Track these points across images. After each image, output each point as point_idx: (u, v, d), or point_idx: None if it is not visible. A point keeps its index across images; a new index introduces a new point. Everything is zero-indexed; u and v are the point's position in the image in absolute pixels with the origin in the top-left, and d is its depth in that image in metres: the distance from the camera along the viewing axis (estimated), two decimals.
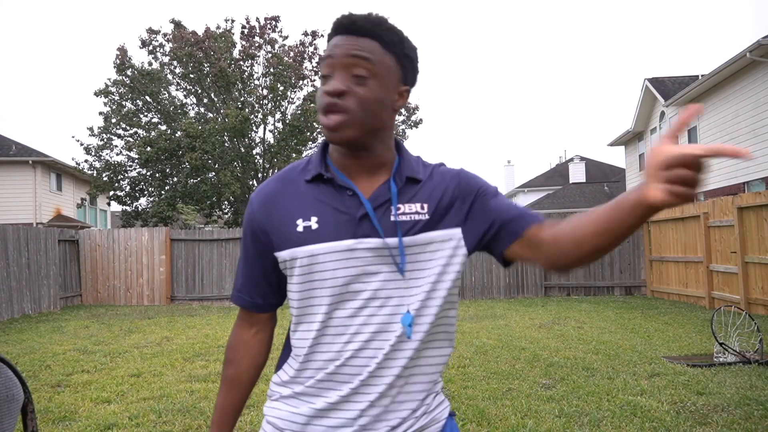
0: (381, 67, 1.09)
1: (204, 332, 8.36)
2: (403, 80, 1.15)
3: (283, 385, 1.19)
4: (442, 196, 1.15)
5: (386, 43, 1.11)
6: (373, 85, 1.08)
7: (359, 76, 1.08)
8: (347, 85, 1.07)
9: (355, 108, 1.07)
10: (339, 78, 1.08)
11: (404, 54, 1.14)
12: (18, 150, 22.10)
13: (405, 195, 1.14)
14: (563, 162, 40.93)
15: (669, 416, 3.99)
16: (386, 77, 1.11)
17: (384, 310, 1.10)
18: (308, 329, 1.14)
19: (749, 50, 12.83)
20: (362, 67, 1.08)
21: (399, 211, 1.12)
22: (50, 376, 5.67)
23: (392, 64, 1.12)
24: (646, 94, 19.64)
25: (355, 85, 1.07)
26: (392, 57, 1.12)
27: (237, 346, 1.26)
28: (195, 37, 18.58)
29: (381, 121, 1.11)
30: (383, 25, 1.11)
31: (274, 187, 1.19)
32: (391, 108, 1.13)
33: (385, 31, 1.11)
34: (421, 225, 1.12)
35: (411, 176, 1.15)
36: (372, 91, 1.08)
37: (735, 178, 14.84)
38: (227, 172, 18.21)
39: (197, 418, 4.20)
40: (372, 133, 1.11)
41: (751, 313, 7.67)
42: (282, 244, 1.14)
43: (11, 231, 10.58)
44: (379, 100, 1.09)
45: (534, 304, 11.03)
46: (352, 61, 1.08)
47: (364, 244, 1.09)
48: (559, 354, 6.16)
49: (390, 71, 1.11)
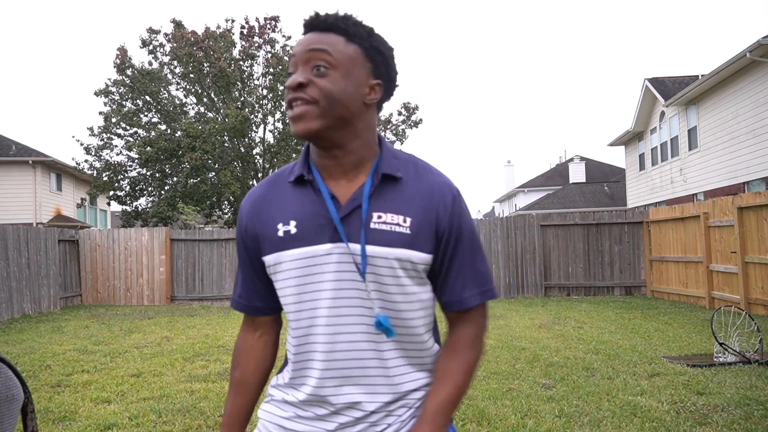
0: (342, 57, 1.09)
1: (204, 332, 8.36)
2: (373, 74, 1.13)
3: (276, 388, 1.21)
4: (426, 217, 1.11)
5: (351, 35, 1.10)
6: (335, 76, 1.08)
7: (319, 68, 1.07)
8: (306, 78, 1.07)
9: (317, 97, 1.06)
10: (299, 72, 1.09)
11: (372, 47, 1.12)
12: (18, 150, 22.10)
13: (384, 196, 1.11)
14: (563, 162, 40.94)
15: (669, 416, 3.99)
16: (350, 69, 1.09)
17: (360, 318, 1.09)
18: (294, 334, 1.15)
19: (749, 50, 12.83)
20: (321, 59, 1.08)
21: (380, 219, 1.09)
22: (50, 376, 5.67)
23: (357, 56, 1.10)
24: (646, 94, 19.63)
25: (316, 77, 1.07)
26: (358, 49, 1.11)
27: (242, 349, 1.26)
28: (195, 37, 18.59)
29: (349, 113, 1.09)
30: (349, 20, 1.11)
31: (261, 192, 1.20)
32: (361, 101, 1.11)
33: (351, 25, 1.11)
34: (400, 240, 1.09)
35: (388, 173, 1.12)
36: (334, 81, 1.07)
37: (735, 178, 14.83)
38: (227, 172, 18.22)
39: (197, 418, 4.20)
40: (340, 125, 1.09)
41: (751, 313, 7.67)
42: (266, 248, 1.15)
43: (11, 231, 10.58)
44: (342, 91, 1.08)
45: (534, 304, 11.03)
46: (311, 54, 1.08)
47: (341, 248, 1.09)
48: (559, 354, 6.16)
49: (354, 63, 1.10)
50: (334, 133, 1.09)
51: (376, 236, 1.08)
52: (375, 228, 1.09)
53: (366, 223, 1.09)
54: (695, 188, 17.06)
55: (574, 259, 12.53)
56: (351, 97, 1.09)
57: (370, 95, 1.12)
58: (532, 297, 12.47)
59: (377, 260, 1.08)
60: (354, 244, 1.08)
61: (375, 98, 1.13)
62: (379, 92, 1.14)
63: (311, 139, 1.10)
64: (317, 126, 1.07)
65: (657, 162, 19.93)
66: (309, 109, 1.06)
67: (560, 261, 12.57)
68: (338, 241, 1.08)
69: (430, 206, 1.12)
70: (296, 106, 1.07)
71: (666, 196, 19.24)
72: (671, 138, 18.67)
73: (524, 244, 12.64)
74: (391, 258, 1.08)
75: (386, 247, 1.08)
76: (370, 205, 1.10)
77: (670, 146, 18.79)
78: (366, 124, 1.13)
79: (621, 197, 28.95)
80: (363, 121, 1.12)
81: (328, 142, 1.10)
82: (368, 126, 1.14)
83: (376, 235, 1.08)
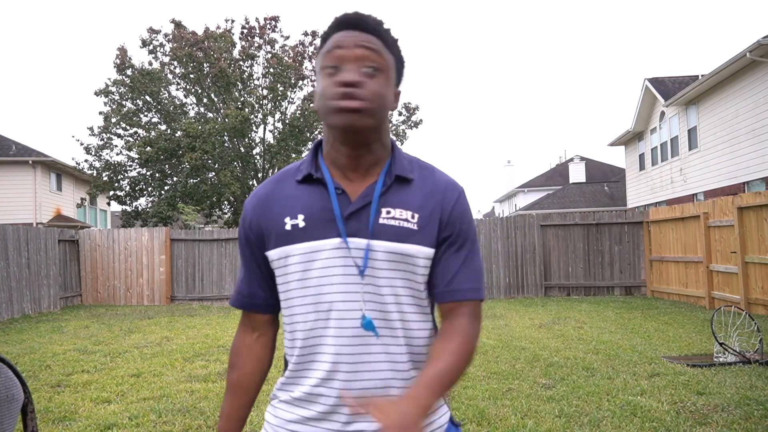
0: (387, 62, 1.11)
1: (204, 332, 8.36)
2: (396, 83, 1.17)
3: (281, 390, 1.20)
4: (432, 212, 1.13)
5: (387, 42, 1.12)
6: (382, 80, 1.09)
7: (370, 69, 1.08)
8: (361, 77, 1.07)
9: (371, 98, 1.07)
10: (353, 69, 1.07)
11: (399, 57, 1.16)
12: (18, 150, 22.09)
13: (395, 195, 1.14)
14: (563, 162, 40.93)
15: (669, 416, 3.99)
16: (390, 74, 1.12)
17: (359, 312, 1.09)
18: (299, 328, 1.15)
19: (749, 50, 12.83)
20: (373, 60, 1.08)
21: (389, 214, 1.11)
22: (50, 376, 5.67)
23: (393, 63, 1.14)
24: (646, 94, 19.63)
25: (367, 78, 1.07)
26: (392, 57, 1.14)
27: (240, 350, 1.26)
28: (195, 37, 18.59)
29: (384, 117, 1.12)
30: (383, 25, 1.13)
31: (267, 189, 1.21)
32: (390, 107, 1.14)
33: (386, 31, 1.13)
34: (408, 235, 1.11)
35: (400, 175, 1.14)
36: (381, 85, 1.09)
37: (735, 178, 14.83)
38: (227, 172, 18.21)
39: (197, 418, 4.20)
40: (377, 127, 1.11)
41: (751, 313, 7.67)
42: (272, 242, 1.15)
43: (11, 231, 10.58)
44: (386, 96, 1.10)
45: (534, 304, 11.03)
46: (363, 53, 1.08)
47: (350, 243, 1.10)
48: (559, 354, 6.16)
49: (392, 70, 1.13)
50: (370, 133, 1.11)
51: (385, 231, 1.10)
52: (384, 223, 1.11)
53: (375, 219, 1.10)
54: (695, 188, 17.06)
55: (574, 259, 12.53)
56: (388, 103, 1.12)
57: (393, 103, 1.16)
58: (532, 297, 12.46)
59: (385, 255, 1.09)
60: (361, 239, 1.09)
61: (396, 106, 1.17)
62: (398, 100, 1.18)
63: (354, 134, 1.09)
64: (370, 123, 1.08)
65: (657, 162, 19.92)
66: (366, 104, 1.06)
67: (560, 261, 12.57)
68: (349, 236, 1.10)
69: (437, 203, 1.15)
70: (352, 98, 1.05)
71: (666, 196, 19.24)
72: (671, 138, 18.67)
73: (524, 244, 12.64)
74: (399, 252, 1.10)
75: (395, 242, 1.10)
76: (380, 202, 1.12)
77: (670, 146, 18.79)
78: (386, 128, 1.16)
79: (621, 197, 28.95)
80: (385, 125, 1.15)
81: (363, 141, 1.11)
82: (387, 130, 1.17)
83: (384, 230, 1.10)
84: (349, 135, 1.09)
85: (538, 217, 12.81)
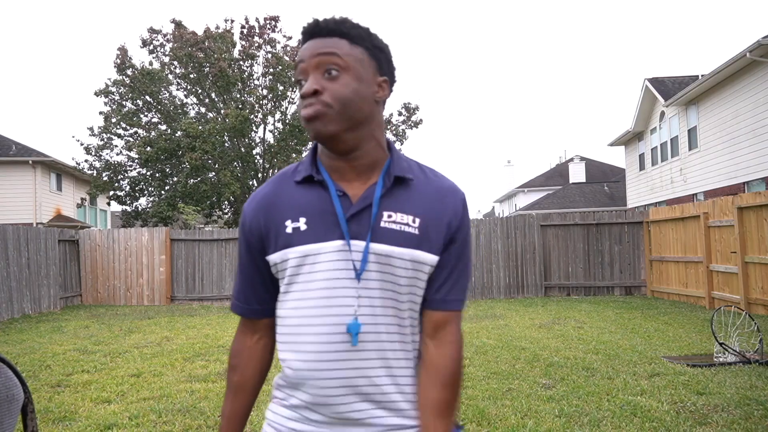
0: (351, 59, 1.10)
1: (204, 332, 8.36)
2: (379, 71, 1.15)
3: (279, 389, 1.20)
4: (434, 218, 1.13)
5: (353, 37, 1.12)
6: (347, 79, 1.09)
7: (330, 71, 1.08)
8: (320, 84, 1.08)
9: (332, 102, 1.07)
10: (311, 79, 1.09)
11: (374, 46, 1.14)
12: (18, 150, 22.09)
13: (395, 198, 1.13)
14: (563, 162, 40.93)
15: (669, 416, 3.99)
16: (359, 69, 1.11)
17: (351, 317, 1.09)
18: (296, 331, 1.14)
19: (749, 50, 12.83)
20: (331, 63, 1.08)
21: (390, 218, 1.11)
22: (50, 376, 5.67)
23: (363, 56, 1.12)
24: (646, 94, 19.63)
25: (328, 82, 1.08)
26: (362, 50, 1.12)
27: (240, 352, 1.25)
28: (195, 37, 18.58)
29: (363, 113, 1.10)
30: (347, 23, 1.13)
31: (266, 192, 1.20)
32: (372, 100, 1.12)
33: (351, 28, 1.12)
34: (409, 239, 1.10)
35: (400, 175, 1.14)
36: (346, 84, 1.08)
37: (735, 178, 14.83)
38: (227, 172, 18.21)
39: (197, 418, 4.20)
40: (356, 127, 1.10)
41: (751, 313, 7.67)
42: (272, 246, 1.14)
43: (11, 231, 10.58)
44: (356, 92, 1.09)
45: (534, 304, 11.03)
46: (320, 59, 1.09)
47: (352, 245, 1.09)
48: (559, 354, 6.16)
49: (362, 63, 1.11)
50: (351, 135, 1.10)
51: (386, 235, 1.10)
52: (384, 227, 1.10)
53: (375, 222, 1.10)
54: (695, 188, 17.06)
55: (574, 259, 12.53)
56: (363, 98, 1.10)
57: (379, 93, 1.14)
58: (532, 297, 12.46)
59: (385, 258, 1.09)
60: (362, 242, 1.09)
61: (384, 95, 1.16)
62: (387, 89, 1.16)
63: (329, 142, 1.10)
64: (334, 129, 1.08)
65: (657, 162, 19.92)
66: (323, 109, 1.07)
67: (560, 261, 12.57)
68: (351, 238, 1.09)
69: (440, 209, 1.14)
70: (309, 106, 1.07)
71: (666, 196, 19.24)
72: (671, 138, 18.67)
73: (524, 244, 12.64)
74: (399, 257, 1.09)
75: (395, 246, 1.09)
76: (381, 204, 1.11)
77: (670, 146, 18.79)
78: (377, 122, 1.15)
79: (621, 197, 28.95)
80: (375, 120, 1.14)
81: (346, 146, 1.11)
82: (379, 125, 1.16)
83: (385, 234, 1.10)
84: (326, 143, 1.11)
85: (538, 217, 12.81)
